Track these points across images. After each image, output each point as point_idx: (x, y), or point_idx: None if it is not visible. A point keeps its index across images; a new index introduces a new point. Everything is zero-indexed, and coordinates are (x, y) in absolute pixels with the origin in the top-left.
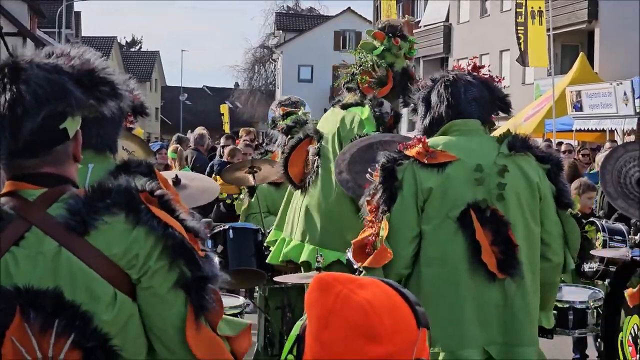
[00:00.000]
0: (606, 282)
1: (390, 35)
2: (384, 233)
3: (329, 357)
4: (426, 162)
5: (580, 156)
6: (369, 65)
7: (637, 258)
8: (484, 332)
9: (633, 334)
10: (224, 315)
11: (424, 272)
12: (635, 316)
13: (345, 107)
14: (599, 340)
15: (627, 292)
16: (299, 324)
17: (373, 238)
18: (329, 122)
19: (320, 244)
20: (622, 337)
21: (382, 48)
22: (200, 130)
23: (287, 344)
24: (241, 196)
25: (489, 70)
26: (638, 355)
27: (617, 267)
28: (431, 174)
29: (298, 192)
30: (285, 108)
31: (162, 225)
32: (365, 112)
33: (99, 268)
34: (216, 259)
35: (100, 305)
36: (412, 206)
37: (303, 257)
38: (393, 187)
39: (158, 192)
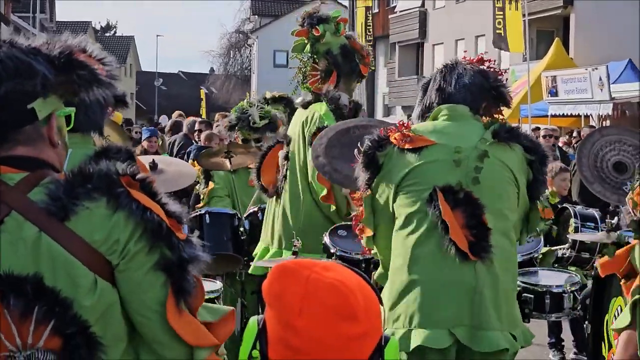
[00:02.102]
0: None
1: (310, 26)
2: (361, 215)
3: (307, 344)
4: (405, 146)
5: (569, 138)
6: (309, 66)
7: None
8: (451, 314)
9: (616, 316)
10: (204, 303)
11: (393, 252)
12: (620, 298)
13: (305, 106)
14: (586, 322)
15: (600, 262)
16: (254, 320)
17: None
18: (295, 124)
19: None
20: (607, 319)
21: (308, 45)
22: (178, 115)
23: (247, 341)
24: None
25: (494, 66)
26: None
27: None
28: (408, 159)
29: (273, 199)
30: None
31: (141, 209)
32: (323, 107)
33: (79, 254)
34: (197, 242)
35: (80, 291)
36: (388, 189)
37: None
38: (374, 171)
39: (139, 175)
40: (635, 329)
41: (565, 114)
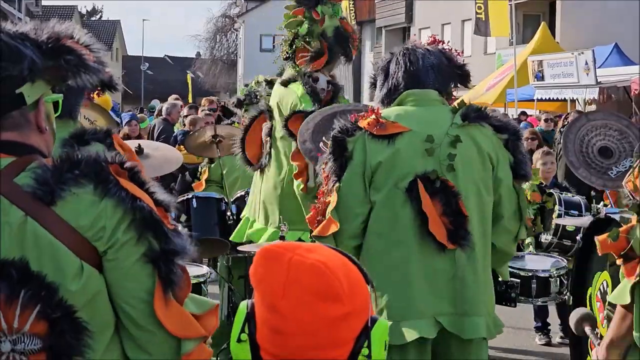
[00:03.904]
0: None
1: (307, 7)
2: (331, 205)
3: (291, 326)
4: (376, 133)
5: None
6: (301, 44)
7: (611, 215)
8: (434, 303)
9: (602, 290)
10: (190, 294)
11: (372, 242)
12: (605, 272)
13: (284, 83)
14: (568, 294)
15: (599, 238)
16: (244, 303)
17: (322, 206)
18: (273, 99)
19: (279, 226)
20: (591, 293)
21: (306, 25)
22: (174, 99)
23: (236, 324)
24: (201, 165)
25: (449, 44)
26: (605, 311)
27: (590, 222)
28: (381, 146)
29: (257, 173)
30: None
31: (131, 198)
32: (300, 89)
33: (65, 239)
34: (185, 232)
35: (66, 276)
36: (361, 177)
37: (262, 240)
38: (343, 158)
39: (128, 164)
40: (632, 310)
41: (551, 98)
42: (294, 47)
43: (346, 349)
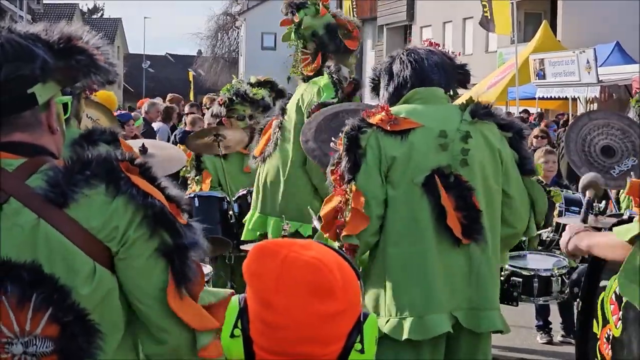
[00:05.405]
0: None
1: (291, 14)
2: (359, 200)
3: (285, 320)
4: (389, 129)
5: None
6: (299, 52)
7: (634, 216)
8: (450, 297)
9: (617, 292)
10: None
11: (390, 238)
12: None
13: (305, 79)
14: (577, 299)
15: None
16: (235, 298)
17: (342, 206)
18: (294, 97)
19: (280, 215)
20: (603, 297)
21: (291, 31)
22: (170, 99)
23: (228, 320)
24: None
25: (447, 47)
26: (620, 312)
27: (608, 228)
28: (395, 142)
29: (260, 166)
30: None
31: (142, 194)
32: (324, 79)
33: (77, 241)
34: (198, 226)
35: (78, 278)
36: (377, 172)
37: (269, 230)
38: (357, 155)
39: (138, 160)
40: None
41: (552, 97)
42: (297, 59)
43: (339, 344)
